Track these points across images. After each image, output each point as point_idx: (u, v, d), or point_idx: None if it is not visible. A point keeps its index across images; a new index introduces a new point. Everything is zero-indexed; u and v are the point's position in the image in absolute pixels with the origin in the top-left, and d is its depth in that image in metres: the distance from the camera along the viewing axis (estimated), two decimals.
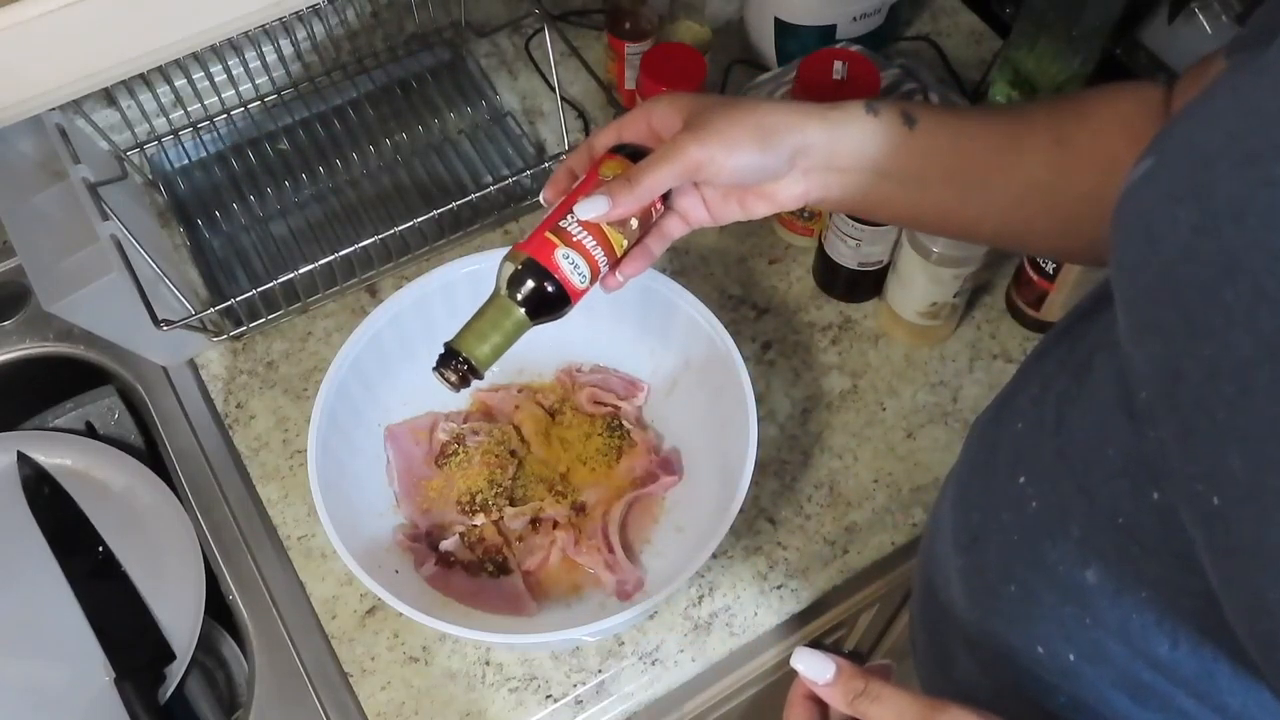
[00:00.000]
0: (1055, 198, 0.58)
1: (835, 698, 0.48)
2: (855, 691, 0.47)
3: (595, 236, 0.58)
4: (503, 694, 0.76)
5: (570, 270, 0.58)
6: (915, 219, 0.65)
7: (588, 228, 0.58)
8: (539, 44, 1.05)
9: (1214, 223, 0.35)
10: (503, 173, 0.98)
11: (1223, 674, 0.43)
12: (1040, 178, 0.57)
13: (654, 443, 0.82)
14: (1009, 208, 0.59)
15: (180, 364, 0.89)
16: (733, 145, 0.56)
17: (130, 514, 0.85)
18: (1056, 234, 0.60)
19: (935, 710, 0.44)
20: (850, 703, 0.47)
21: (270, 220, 0.96)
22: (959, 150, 0.59)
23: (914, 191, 0.60)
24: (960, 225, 0.62)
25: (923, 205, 0.61)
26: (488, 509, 0.79)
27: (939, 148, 0.59)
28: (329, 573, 0.80)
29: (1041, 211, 0.58)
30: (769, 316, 0.92)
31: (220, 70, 0.96)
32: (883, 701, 0.46)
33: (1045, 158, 0.57)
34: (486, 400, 0.84)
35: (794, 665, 0.49)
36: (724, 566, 0.80)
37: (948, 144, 0.59)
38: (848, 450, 0.86)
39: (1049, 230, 0.60)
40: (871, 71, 0.83)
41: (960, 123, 0.59)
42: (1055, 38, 0.93)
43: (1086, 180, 0.57)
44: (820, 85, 0.82)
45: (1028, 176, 0.58)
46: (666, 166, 0.57)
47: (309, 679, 0.77)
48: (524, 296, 0.58)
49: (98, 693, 0.77)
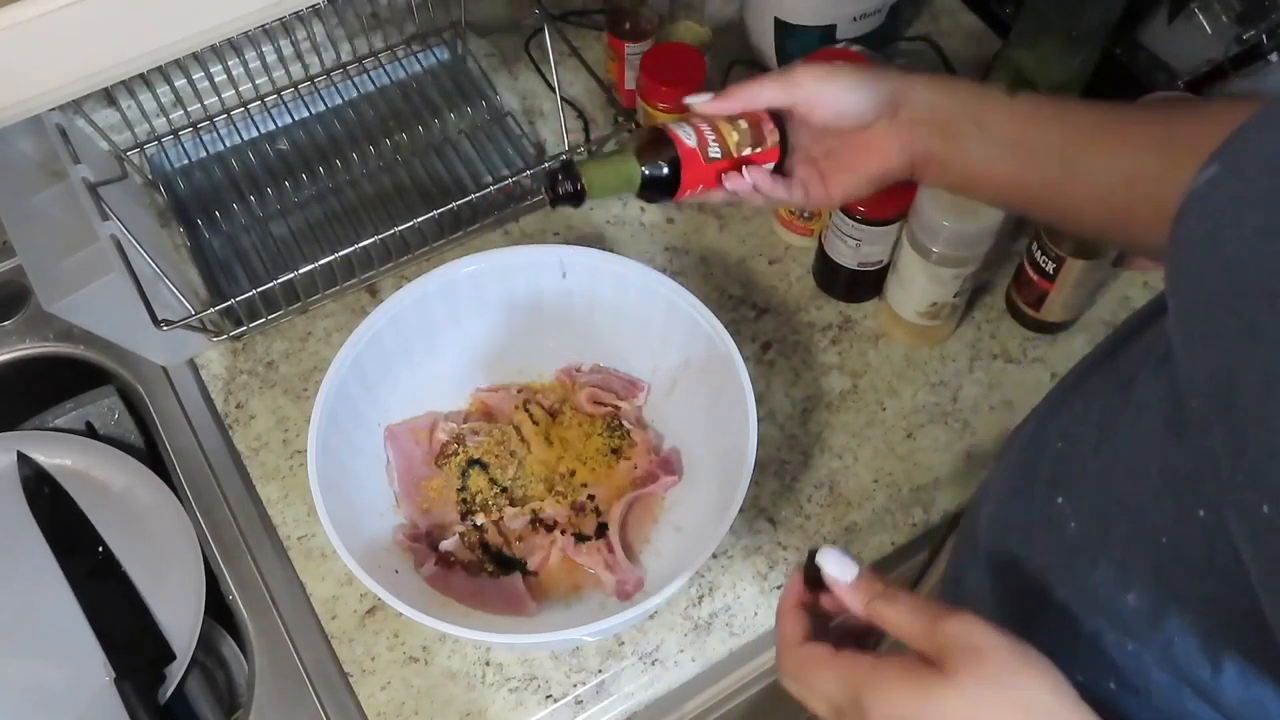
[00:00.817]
0: (1163, 189, 0.53)
1: (854, 599, 0.48)
2: (874, 593, 0.47)
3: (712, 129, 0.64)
4: (503, 694, 0.76)
5: (685, 137, 0.63)
6: (1018, 193, 0.63)
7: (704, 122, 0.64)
8: (539, 44, 1.05)
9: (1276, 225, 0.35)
10: (503, 173, 0.98)
11: (1270, 700, 0.42)
12: (1147, 165, 0.55)
13: (654, 443, 0.82)
14: (1112, 192, 0.57)
15: (180, 364, 0.89)
16: (834, 71, 0.60)
17: (130, 514, 0.85)
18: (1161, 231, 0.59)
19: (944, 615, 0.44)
20: (868, 603, 0.47)
21: (270, 220, 0.96)
22: (1064, 122, 0.58)
23: (1017, 159, 0.60)
24: (1063, 206, 0.61)
25: (1025, 177, 0.60)
26: (488, 509, 0.79)
27: (1043, 116, 0.59)
28: (329, 573, 0.80)
29: (1146, 201, 0.55)
30: (769, 316, 0.92)
31: (220, 70, 0.96)
32: (898, 603, 0.46)
33: (1154, 146, 0.55)
34: (486, 400, 0.84)
35: (819, 562, 0.49)
36: (724, 566, 0.80)
37: (1052, 114, 0.59)
38: (848, 450, 0.86)
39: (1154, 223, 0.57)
40: None
41: (1063, 101, 0.59)
42: (1055, 38, 0.93)
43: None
44: None
45: (1134, 162, 0.56)
46: (771, 78, 0.62)
47: (309, 679, 0.77)
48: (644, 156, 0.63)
49: (98, 693, 0.77)
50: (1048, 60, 0.95)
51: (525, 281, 0.82)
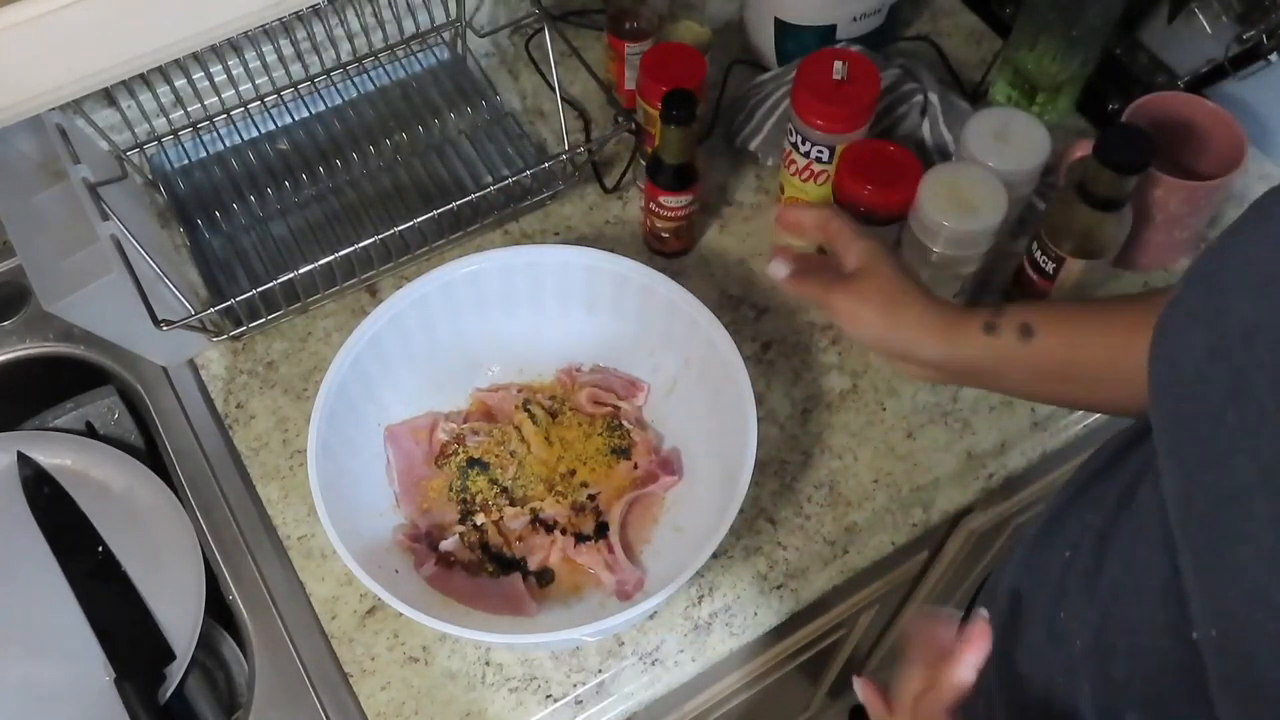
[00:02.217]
0: None
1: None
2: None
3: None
4: (503, 694, 0.76)
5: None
6: (1038, 400, 0.70)
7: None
8: (539, 44, 1.06)
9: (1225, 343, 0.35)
10: (503, 173, 0.98)
11: None
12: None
13: (654, 443, 0.82)
14: (1128, 399, 0.59)
15: (180, 364, 0.89)
16: (858, 324, 0.67)
17: (130, 514, 0.85)
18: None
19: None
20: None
21: (270, 220, 0.96)
22: (1075, 356, 0.61)
23: (1034, 386, 0.64)
24: (1087, 405, 0.66)
25: (1044, 392, 0.65)
26: (488, 509, 0.79)
27: (1054, 357, 0.61)
28: (329, 573, 0.80)
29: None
30: (769, 316, 0.92)
31: (220, 70, 0.96)
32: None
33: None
34: (486, 400, 0.84)
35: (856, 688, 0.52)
36: (724, 566, 0.80)
37: (1064, 352, 0.61)
38: (848, 450, 0.86)
39: None
40: (872, 72, 0.83)
41: (1080, 326, 0.61)
42: (1055, 38, 0.93)
43: None
44: (820, 85, 0.82)
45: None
46: (817, 294, 0.69)
47: (309, 679, 0.77)
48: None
49: (98, 693, 0.77)
50: (1048, 60, 0.95)
51: (525, 281, 0.82)
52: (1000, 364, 0.63)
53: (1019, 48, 0.96)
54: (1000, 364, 0.63)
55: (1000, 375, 0.64)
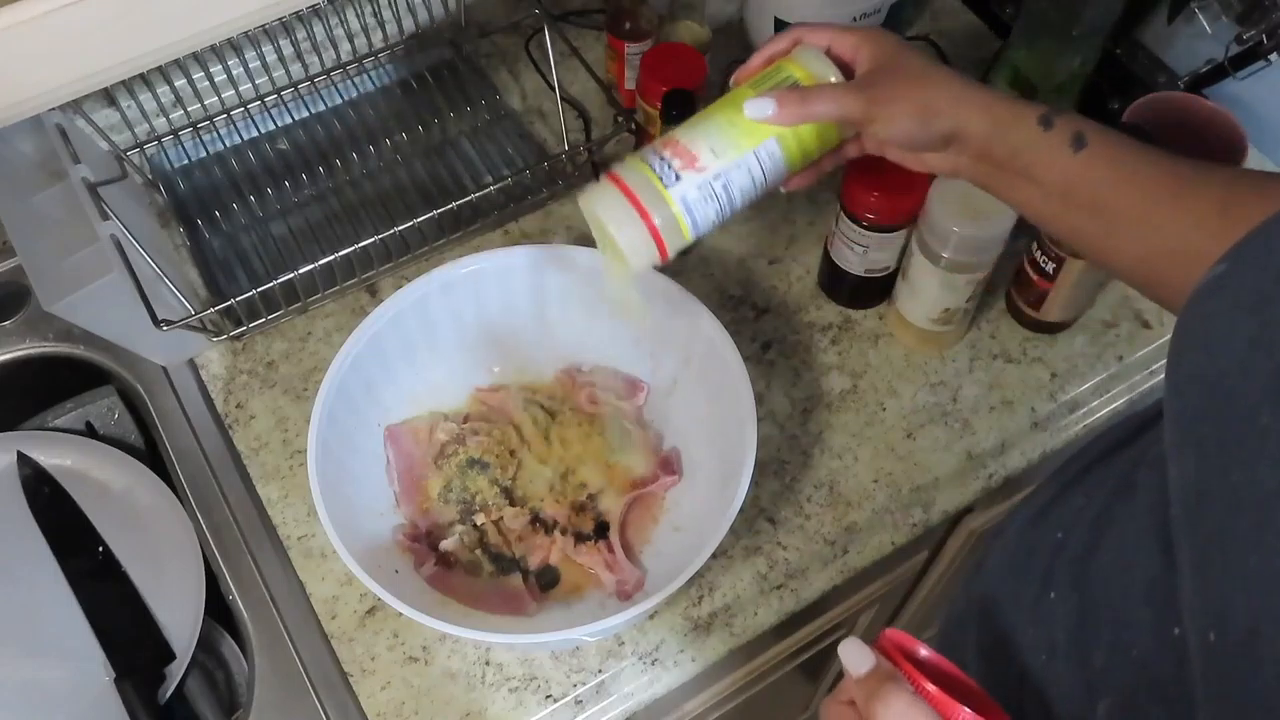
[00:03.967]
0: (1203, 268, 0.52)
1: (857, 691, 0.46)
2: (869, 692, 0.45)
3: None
4: (503, 694, 0.76)
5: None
6: (1049, 226, 0.62)
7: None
8: (539, 44, 1.05)
9: (1271, 336, 0.33)
10: (503, 173, 0.98)
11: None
12: (1193, 242, 0.52)
13: (654, 443, 0.82)
14: (1148, 258, 0.56)
15: (180, 364, 0.89)
16: (890, 119, 0.59)
17: (130, 514, 0.85)
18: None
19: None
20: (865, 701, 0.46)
21: (270, 220, 0.96)
22: (1117, 188, 0.56)
23: (1058, 206, 0.59)
24: (1090, 250, 0.60)
25: (1063, 220, 0.60)
26: (488, 509, 0.79)
27: (1098, 179, 0.57)
28: (329, 573, 0.80)
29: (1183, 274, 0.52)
30: (769, 316, 0.92)
31: (220, 70, 0.96)
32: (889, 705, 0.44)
33: (1204, 223, 0.52)
34: (486, 400, 0.84)
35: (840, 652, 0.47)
36: (724, 566, 0.80)
37: (1108, 178, 0.56)
38: (848, 450, 0.86)
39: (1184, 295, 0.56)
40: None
41: (1129, 160, 0.57)
42: (1055, 38, 0.93)
43: None
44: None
45: (1179, 237, 0.53)
46: (833, 109, 0.60)
47: (309, 679, 0.77)
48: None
49: (98, 693, 0.77)
50: (1048, 60, 0.95)
51: (525, 281, 0.82)
52: (1039, 167, 0.58)
53: (1019, 48, 0.96)
54: (1039, 167, 0.58)
55: (1033, 179, 0.58)
